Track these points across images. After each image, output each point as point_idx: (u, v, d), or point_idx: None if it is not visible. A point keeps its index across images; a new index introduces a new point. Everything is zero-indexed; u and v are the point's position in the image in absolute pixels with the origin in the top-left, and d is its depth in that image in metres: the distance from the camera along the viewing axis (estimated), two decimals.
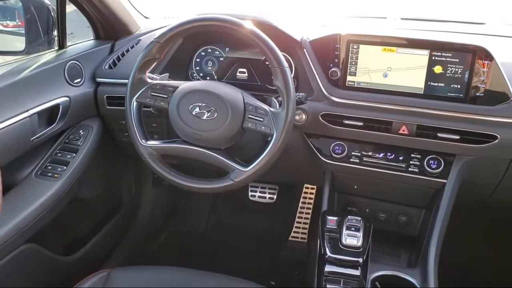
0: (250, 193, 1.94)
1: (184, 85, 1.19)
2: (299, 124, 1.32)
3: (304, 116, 1.32)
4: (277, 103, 1.17)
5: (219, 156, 1.16)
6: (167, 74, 1.27)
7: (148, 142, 1.20)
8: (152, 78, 1.23)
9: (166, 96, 1.20)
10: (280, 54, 1.12)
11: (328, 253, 1.16)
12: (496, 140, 1.18)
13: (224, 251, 2.04)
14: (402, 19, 1.61)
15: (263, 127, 1.13)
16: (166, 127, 1.45)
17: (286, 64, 1.12)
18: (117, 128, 1.55)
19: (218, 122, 1.14)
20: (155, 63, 1.25)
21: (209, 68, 1.47)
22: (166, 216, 2.16)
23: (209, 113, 1.15)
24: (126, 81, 1.22)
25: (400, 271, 1.18)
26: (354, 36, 1.24)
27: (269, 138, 1.13)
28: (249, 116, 1.14)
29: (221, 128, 1.14)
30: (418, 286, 1.13)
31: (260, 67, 1.41)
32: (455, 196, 1.25)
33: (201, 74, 1.48)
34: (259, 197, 1.96)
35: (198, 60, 1.48)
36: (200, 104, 1.15)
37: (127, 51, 1.54)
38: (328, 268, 1.15)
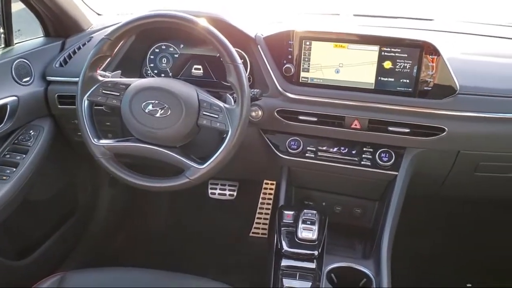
0: (210, 191, 1.94)
1: (136, 83, 1.18)
2: (255, 121, 1.33)
3: (260, 113, 1.32)
4: (232, 99, 1.17)
5: (174, 154, 1.15)
6: (119, 71, 1.25)
7: (101, 141, 1.17)
8: (104, 76, 1.21)
9: (118, 94, 1.17)
10: (233, 50, 1.12)
11: (285, 247, 1.17)
12: (444, 133, 1.22)
13: (185, 249, 2.03)
14: (354, 15, 1.64)
15: (218, 124, 1.13)
16: (120, 125, 1.43)
17: (239, 60, 1.12)
18: (70, 127, 1.51)
19: (172, 120, 1.13)
20: (107, 61, 1.23)
21: (163, 65, 1.46)
22: (124, 216, 2.12)
23: (162, 111, 1.13)
24: (77, 79, 1.19)
25: (355, 263, 1.21)
26: (307, 33, 1.25)
27: (225, 135, 1.13)
28: (204, 113, 1.14)
29: (175, 125, 1.13)
30: (372, 276, 1.16)
31: (215, 63, 1.41)
32: (407, 187, 1.29)
33: (155, 71, 1.46)
34: (219, 194, 1.96)
35: (152, 57, 1.46)
36: (153, 101, 1.14)
37: (79, 48, 1.50)
38: (285, 262, 1.16)
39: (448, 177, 1.35)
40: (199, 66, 1.43)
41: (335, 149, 1.34)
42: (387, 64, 1.21)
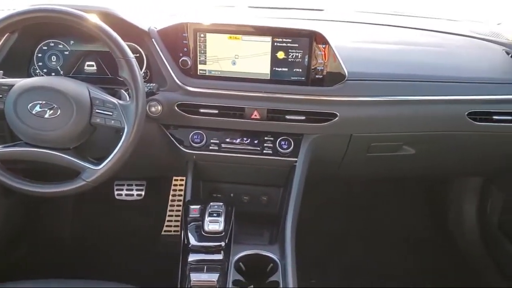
0: (116, 192, 1.87)
1: (20, 83, 1.11)
2: (155, 116, 1.30)
3: (159, 107, 1.30)
4: (126, 95, 1.15)
5: (67, 156, 1.10)
6: (1, 72, 1.16)
7: None
8: None
9: (0, 96, 1.10)
10: (123, 44, 1.09)
11: (192, 242, 1.16)
12: (336, 118, 1.28)
13: (94, 255, 1.94)
14: (249, 7, 1.66)
15: (113, 122, 1.10)
16: (8, 130, 1.32)
17: (131, 55, 1.10)
18: None
19: (62, 120, 1.08)
20: None
21: (53, 63, 1.37)
22: (25, 226, 1.98)
23: (51, 111, 1.08)
24: None
25: (262, 249, 1.23)
26: (200, 25, 1.25)
27: (121, 133, 1.10)
28: (97, 111, 1.10)
29: (66, 126, 1.08)
30: (278, 260, 1.19)
31: (109, 59, 1.34)
32: (307, 172, 1.34)
33: (44, 70, 1.37)
34: (126, 195, 1.90)
35: (40, 55, 1.37)
36: (40, 102, 1.08)
37: None
38: (192, 257, 1.15)
39: (343, 159, 1.43)
40: (92, 63, 1.37)
41: (238, 140, 1.35)
42: (280, 55, 1.25)
